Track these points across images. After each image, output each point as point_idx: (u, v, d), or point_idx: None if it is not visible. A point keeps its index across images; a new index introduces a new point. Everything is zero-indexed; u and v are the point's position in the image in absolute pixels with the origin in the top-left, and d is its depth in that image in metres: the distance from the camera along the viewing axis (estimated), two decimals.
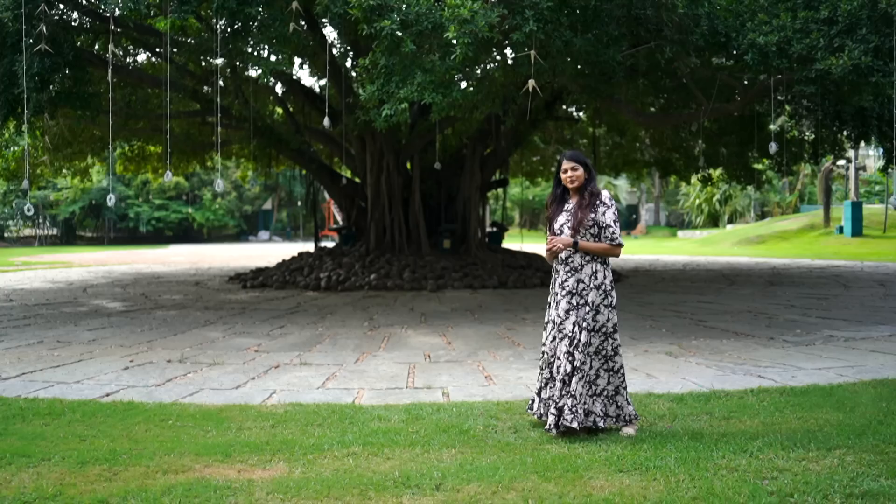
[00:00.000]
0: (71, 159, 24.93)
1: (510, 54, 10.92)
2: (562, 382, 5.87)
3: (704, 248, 41.75)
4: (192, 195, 67.97)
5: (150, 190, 64.50)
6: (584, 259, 5.98)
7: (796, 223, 45.25)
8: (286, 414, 6.66)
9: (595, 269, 5.99)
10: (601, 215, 5.97)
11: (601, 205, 6.01)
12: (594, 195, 6.05)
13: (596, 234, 5.99)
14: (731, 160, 23.75)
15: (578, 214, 6.00)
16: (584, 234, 5.98)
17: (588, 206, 6.00)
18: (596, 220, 5.97)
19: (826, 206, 43.19)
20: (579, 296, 5.96)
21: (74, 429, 6.24)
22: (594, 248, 5.96)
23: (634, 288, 18.82)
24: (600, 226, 5.97)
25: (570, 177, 6.09)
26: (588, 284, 5.96)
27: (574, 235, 5.99)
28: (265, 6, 10.41)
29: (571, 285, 5.99)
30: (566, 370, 5.87)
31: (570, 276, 6.01)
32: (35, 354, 10.01)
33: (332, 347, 10.43)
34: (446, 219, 22.41)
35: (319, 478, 4.94)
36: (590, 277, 5.97)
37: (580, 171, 6.07)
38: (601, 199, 6.03)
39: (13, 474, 5.08)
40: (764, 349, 9.93)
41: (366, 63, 9.72)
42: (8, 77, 12.10)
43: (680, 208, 70.45)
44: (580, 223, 5.96)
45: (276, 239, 71.90)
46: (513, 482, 4.82)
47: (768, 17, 9.86)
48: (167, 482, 4.89)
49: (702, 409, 6.68)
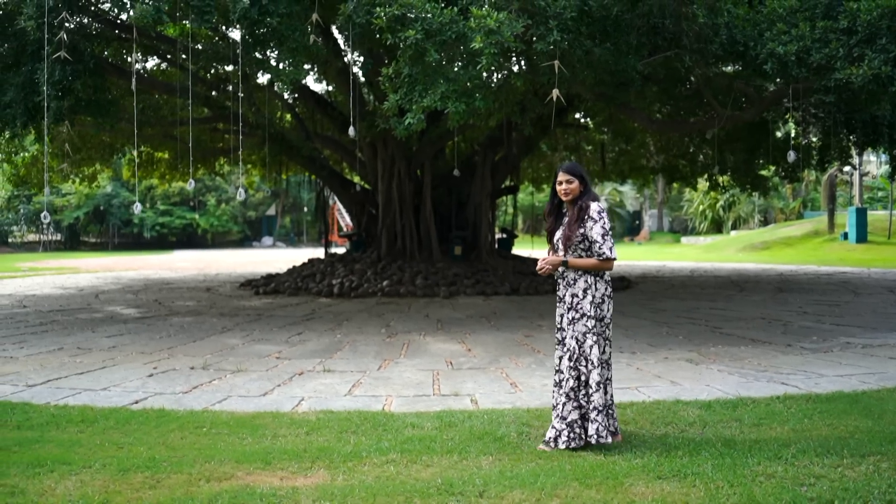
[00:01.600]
0: (79, 165, 25.00)
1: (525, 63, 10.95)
2: (566, 397, 5.91)
3: (709, 254, 41.78)
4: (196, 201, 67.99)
5: (155, 195, 64.54)
6: (577, 273, 5.99)
7: (800, 229, 45.27)
8: (319, 421, 6.70)
9: (589, 283, 5.97)
10: (589, 230, 5.93)
11: (589, 219, 5.95)
12: (583, 210, 6.00)
13: (587, 249, 5.98)
14: (738, 167, 23.78)
15: (566, 231, 6.02)
16: (575, 250, 5.98)
17: (577, 222, 5.99)
18: (585, 235, 5.95)
19: (830, 213, 43.21)
20: (575, 310, 5.99)
21: (110, 436, 6.30)
22: (584, 265, 5.95)
23: (645, 294, 18.87)
24: (590, 240, 5.96)
25: (564, 189, 6.07)
26: (582, 298, 5.97)
27: (566, 251, 6.01)
28: (285, 16, 10.47)
29: (568, 300, 6.03)
30: (571, 385, 5.91)
31: (566, 291, 6.05)
32: (57, 361, 10.06)
33: (353, 354, 10.48)
34: (457, 225, 22.46)
35: (363, 485, 4.99)
36: (583, 291, 5.97)
37: (575, 183, 6.04)
38: (589, 214, 5.96)
39: (56, 482, 5.13)
40: (783, 356, 9.98)
41: (389, 72, 9.78)
42: (28, 85, 12.16)
43: (683, 214, 70.51)
44: (568, 240, 5.98)
45: (280, 245, 71.97)
46: (555, 489, 4.87)
47: (787, 27, 9.91)
48: (212, 490, 4.94)
49: (730, 416, 6.73)
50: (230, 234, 72.42)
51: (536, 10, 8.98)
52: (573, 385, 5.91)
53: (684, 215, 70.40)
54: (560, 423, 5.91)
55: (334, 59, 17.09)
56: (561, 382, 5.99)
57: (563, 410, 5.90)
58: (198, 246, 68.29)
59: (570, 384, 5.91)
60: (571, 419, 5.88)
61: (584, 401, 5.92)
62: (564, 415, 5.90)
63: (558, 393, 6.00)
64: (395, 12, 8.97)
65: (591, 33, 9.94)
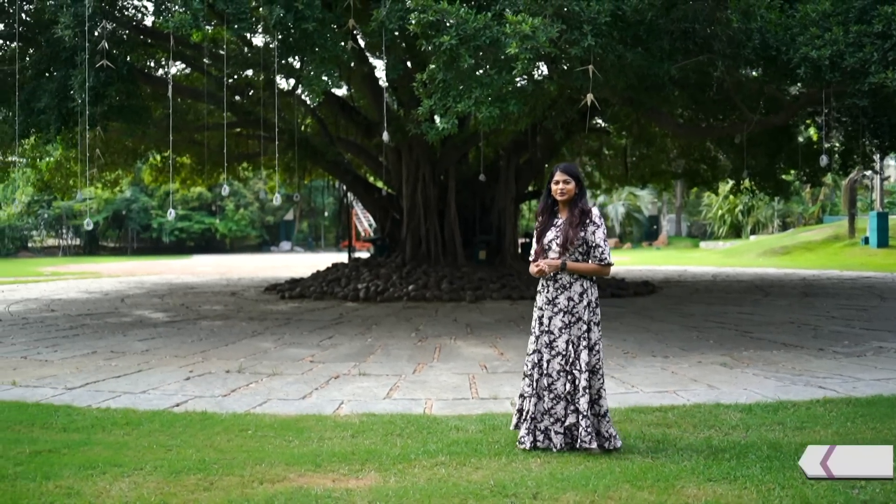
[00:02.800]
0: (102, 170, 25.17)
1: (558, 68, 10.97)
2: (564, 401, 5.92)
3: (729, 259, 41.64)
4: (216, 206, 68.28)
5: (174, 200, 64.79)
6: (573, 277, 5.98)
7: (820, 234, 45.05)
8: (362, 424, 6.75)
9: (585, 287, 5.98)
10: (591, 234, 5.95)
11: (591, 224, 5.97)
12: (584, 213, 6.01)
13: (585, 252, 5.99)
14: (759, 171, 23.71)
15: (569, 233, 5.98)
16: (573, 253, 5.97)
17: (578, 225, 5.97)
18: (585, 239, 5.96)
19: (851, 217, 42.97)
20: (570, 314, 5.96)
21: (156, 438, 6.36)
22: (583, 269, 5.95)
23: (671, 299, 18.86)
24: (589, 244, 5.96)
25: (561, 189, 6.05)
26: (578, 302, 5.96)
27: (562, 253, 5.99)
28: (319, 23, 10.53)
29: (563, 303, 5.99)
30: (566, 388, 5.92)
31: (559, 294, 6.01)
32: (93, 364, 10.15)
33: (386, 358, 10.53)
34: (481, 230, 22.51)
35: (415, 486, 5.03)
36: (579, 295, 5.96)
37: (572, 184, 6.04)
38: (591, 218, 5.99)
39: (110, 483, 5.19)
40: (816, 360, 9.97)
41: (423, 77, 9.83)
42: (61, 91, 12.27)
43: (702, 219, 70.29)
44: (570, 242, 5.96)
45: (298, 249, 72.15)
46: (608, 491, 4.90)
47: (820, 31, 9.90)
48: (266, 492, 4.99)
49: (773, 420, 6.74)
50: (248, 239, 72.66)
51: (571, 14, 9.00)
52: (569, 389, 5.91)
53: (702, 220, 70.18)
54: (558, 426, 5.92)
55: (359, 65, 17.16)
56: (551, 386, 5.98)
57: (560, 412, 5.92)
58: (216, 251, 68.50)
59: (566, 388, 5.92)
60: (569, 423, 5.91)
61: (575, 405, 5.92)
62: (561, 417, 5.92)
63: (549, 398, 5.97)
64: (430, 18, 9.01)
65: (624, 38, 9.97)
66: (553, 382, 5.96)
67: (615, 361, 10.05)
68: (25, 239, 63.75)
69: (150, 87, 17.57)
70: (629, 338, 12.15)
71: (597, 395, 5.95)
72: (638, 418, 6.87)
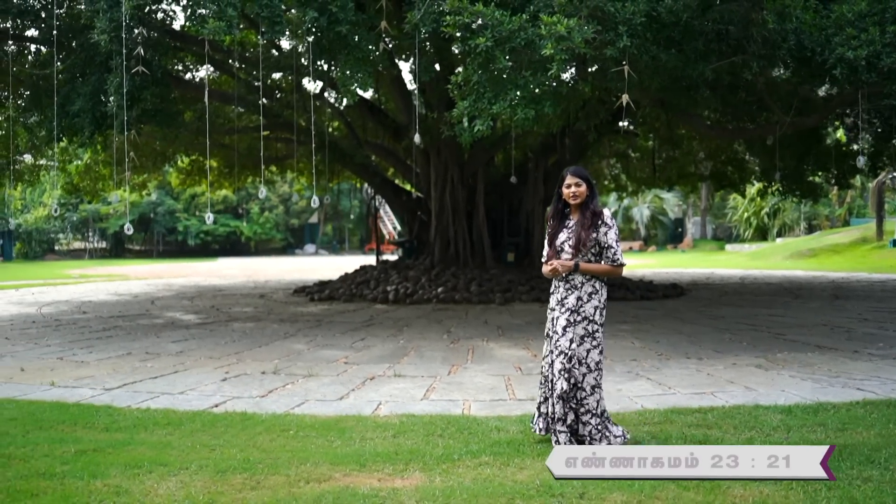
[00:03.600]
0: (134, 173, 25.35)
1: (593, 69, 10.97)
2: (561, 399, 5.91)
3: (756, 261, 41.46)
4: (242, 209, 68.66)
5: (199, 203, 65.20)
6: (585, 278, 5.98)
7: (848, 236, 44.77)
8: (402, 424, 6.77)
9: (596, 288, 6.00)
10: (603, 235, 5.96)
11: (603, 224, 5.98)
12: (596, 215, 6.02)
13: (597, 254, 6.00)
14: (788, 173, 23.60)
15: (581, 234, 5.99)
16: (586, 254, 5.98)
17: (590, 227, 5.98)
18: (598, 240, 5.97)
19: (879, 220, 42.67)
20: (577, 313, 5.96)
21: (199, 438, 6.40)
22: (595, 270, 5.97)
23: (700, 301, 18.81)
24: (602, 246, 5.98)
25: (572, 192, 6.05)
26: (586, 302, 5.97)
27: (575, 255, 5.99)
28: (352, 25, 10.58)
29: (572, 303, 5.99)
30: (563, 388, 5.90)
31: (570, 294, 6.02)
32: (128, 365, 10.22)
33: (419, 360, 10.55)
34: (509, 232, 22.52)
35: (462, 486, 5.05)
36: (589, 295, 5.98)
37: (583, 187, 6.04)
38: (603, 220, 6.01)
39: (157, 482, 5.23)
40: (852, 362, 9.91)
41: (458, 79, 9.85)
42: (96, 94, 12.38)
43: (727, 222, 70.01)
44: (582, 244, 5.96)
45: (323, 252, 72.44)
46: (654, 491, 4.90)
47: (856, 32, 9.87)
48: (313, 491, 5.02)
49: (813, 421, 6.71)
50: (273, 242, 73.08)
51: (606, 15, 9.01)
52: (567, 388, 5.90)
53: (728, 223, 69.90)
54: (560, 425, 5.91)
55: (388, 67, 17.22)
56: (552, 383, 6.01)
57: (560, 412, 5.91)
58: (241, 253, 68.90)
59: (563, 387, 5.90)
60: (570, 421, 5.92)
61: (573, 403, 5.95)
62: (562, 416, 5.91)
63: (553, 396, 5.99)
64: (465, 20, 9.04)
65: (658, 39, 9.96)
66: (556, 381, 5.97)
67: (649, 363, 10.03)
68: (52, 242, 64.36)
69: (180, 90, 17.70)
70: (662, 340, 12.13)
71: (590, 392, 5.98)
72: (678, 419, 6.85)
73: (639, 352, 11.03)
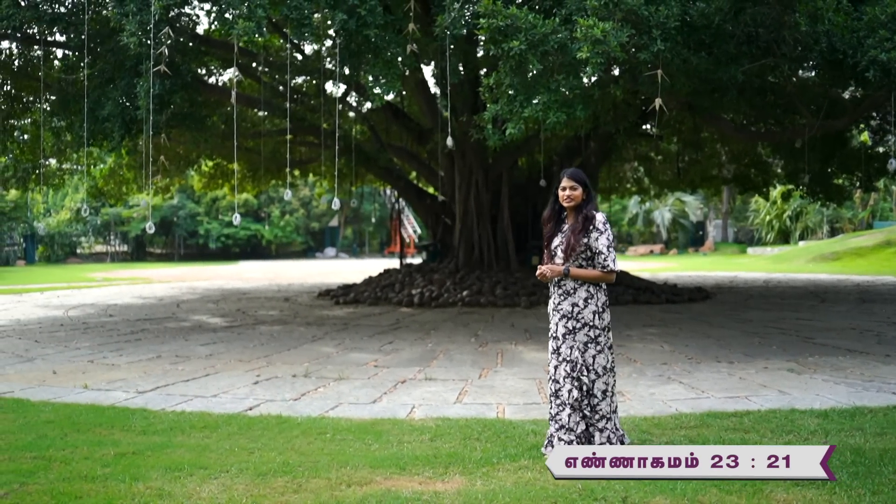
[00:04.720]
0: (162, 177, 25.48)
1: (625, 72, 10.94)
2: (571, 408, 5.86)
3: (778, 264, 41.21)
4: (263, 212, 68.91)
5: (220, 207, 65.44)
6: (577, 282, 5.90)
7: (871, 240, 44.42)
8: (438, 428, 6.76)
9: (591, 293, 5.90)
10: (594, 241, 5.85)
11: (594, 230, 5.87)
12: (588, 219, 5.91)
13: (589, 258, 5.90)
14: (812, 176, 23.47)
15: (571, 239, 5.90)
16: (576, 259, 5.89)
17: (581, 231, 5.89)
18: (588, 245, 5.87)
19: None
20: (575, 319, 5.89)
21: (237, 441, 6.42)
22: (585, 275, 5.86)
23: (726, 305, 18.74)
24: (593, 251, 5.88)
25: (567, 195, 5.97)
26: (583, 308, 5.88)
27: (566, 259, 5.91)
28: (381, 28, 10.60)
29: (566, 309, 5.93)
30: (575, 396, 5.86)
31: (563, 300, 5.95)
32: (160, 369, 10.27)
33: (449, 363, 10.55)
34: (534, 235, 22.48)
35: (503, 489, 5.04)
36: (584, 301, 5.89)
37: (579, 190, 5.95)
38: (594, 224, 5.89)
39: (199, 485, 5.24)
40: (885, 366, 9.86)
41: (490, 82, 9.85)
42: (126, 99, 12.44)
43: (749, 225, 69.67)
44: (572, 248, 5.87)
45: (343, 256, 72.57)
46: (696, 495, 4.88)
47: (889, 34, 9.80)
48: (356, 494, 5.02)
49: (851, 426, 6.66)
50: (293, 245, 73.27)
51: (640, 19, 8.99)
52: (577, 396, 5.85)
53: (749, 226, 69.57)
54: (568, 434, 5.85)
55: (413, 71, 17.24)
56: (557, 392, 5.96)
57: (570, 422, 5.86)
58: (261, 257, 69.11)
59: (573, 395, 5.85)
60: (580, 431, 5.85)
61: (587, 411, 5.88)
62: (571, 426, 5.85)
63: (556, 403, 5.96)
64: (499, 23, 9.03)
65: (689, 42, 9.93)
66: (559, 389, 5.94)
67: (680, 367, 10.00)
68: (74, 245, 64.64)
69: (205, 94, 17.78)
70: (691, 343, 12.08)
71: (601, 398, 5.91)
72: (714, 423, 6.82)
73: (668, 355, 10.99)
